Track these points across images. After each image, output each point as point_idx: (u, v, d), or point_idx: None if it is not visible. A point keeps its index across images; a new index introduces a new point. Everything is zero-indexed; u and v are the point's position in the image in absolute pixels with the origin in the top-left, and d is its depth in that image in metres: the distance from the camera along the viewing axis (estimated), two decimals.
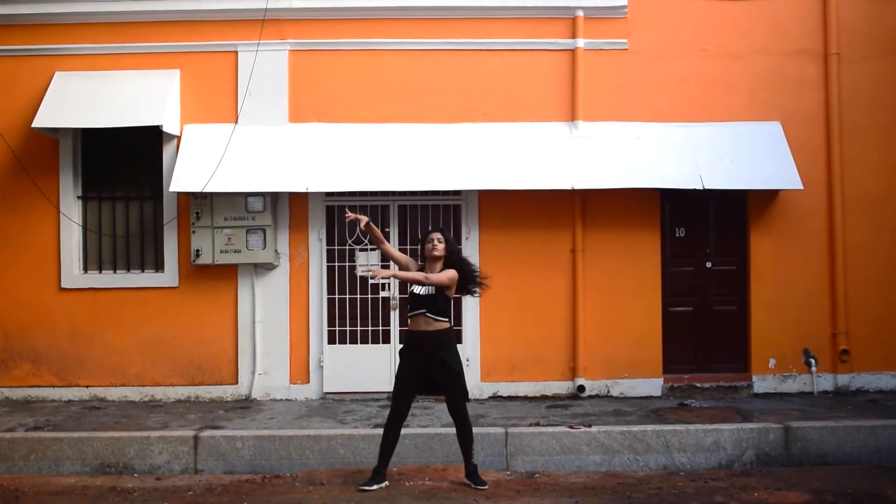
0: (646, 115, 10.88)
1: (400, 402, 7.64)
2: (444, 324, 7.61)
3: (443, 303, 7.63)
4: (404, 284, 10.61)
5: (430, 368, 7.58)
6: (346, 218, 7.85)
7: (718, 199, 10.89)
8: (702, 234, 11.13)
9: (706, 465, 8.54)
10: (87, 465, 8.53)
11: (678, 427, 8.78)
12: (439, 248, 7.68)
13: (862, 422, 8.96)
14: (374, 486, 7.56)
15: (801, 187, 10.43)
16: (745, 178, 10.48)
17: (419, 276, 7.58)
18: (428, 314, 7.57)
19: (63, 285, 10.81)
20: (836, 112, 10.90)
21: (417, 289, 7.63)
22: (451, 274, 7.62)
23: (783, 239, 10.89)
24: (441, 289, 7.59)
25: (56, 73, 10.79)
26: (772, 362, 10.86)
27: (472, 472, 7.72)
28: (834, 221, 10.86)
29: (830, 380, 10.86)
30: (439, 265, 7.69)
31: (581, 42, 10.85)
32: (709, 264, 11.10)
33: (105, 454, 8.56)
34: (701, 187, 10.28)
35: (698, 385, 10.79)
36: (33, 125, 10.33)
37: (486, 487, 7.60)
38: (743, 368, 10.97)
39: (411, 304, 7.69)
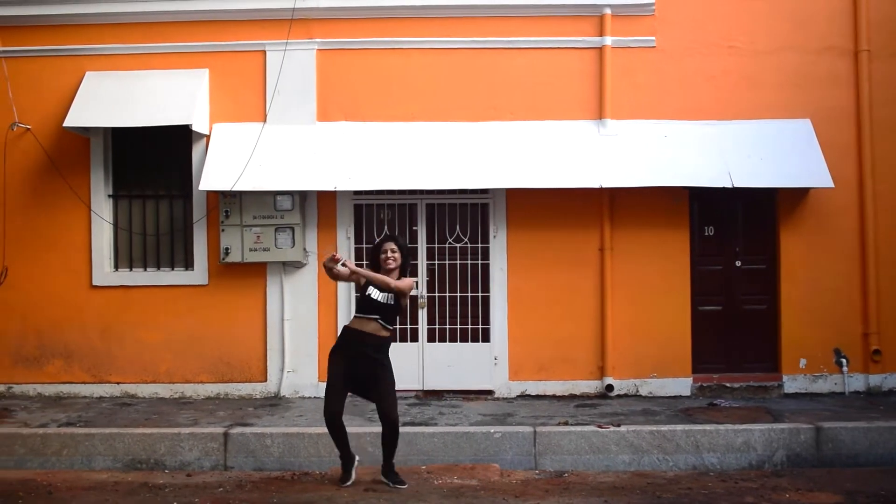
0: (674, 112, 10.83)
1: (337, 401, 7.52)
2: (389, 332, 7.54)
3: (395, 313, 7.57)
4: (432, 283, 10.69)
5: (366, 373, 7.45)
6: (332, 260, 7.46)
7: (747, 198, 10.81)
8: (731, 233, 11.06)
9: (736, 465, 8.50)
10: (119, 461, 8.60)
11: (708, 427, 8.73)
12: (396, 257, 7.54)
13: (894, 423, 8.87)
14: (353, 474, 7.67)
15: (832, 185, 10.34)
16: (775, 175, 10.40)
17: (386, 279, 7.41)
18: (381, 321, 7.45)
19: (94, 283, 10.92)
20: (866, 109, 10.79)
21: (376, 294, 7.45)
22: (410, 282, 7.63)
23: (813, 237, 10.80)
24: (399, 298, 7.51)
25: (87, 72, 10.89)
26: (802, 362, 10.79)
27: (389, 470, 7.65)
28: (865, 219, 10.76)
29: (862, 380, 10.76)
30: (395, 275, 7.58)
31: (609, 40, 10.81)
32: (738, 263, 11.03)
33: (136, 450, 8.63)
34: (730, 185, 10.21)
35: (728, 385, 10.73)
36: (65, 124, 10.43)
37: (406, 486, 7.55)
38: (773, 368, 10.90)
39: (365, 307, 7.49)
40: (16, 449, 8.68)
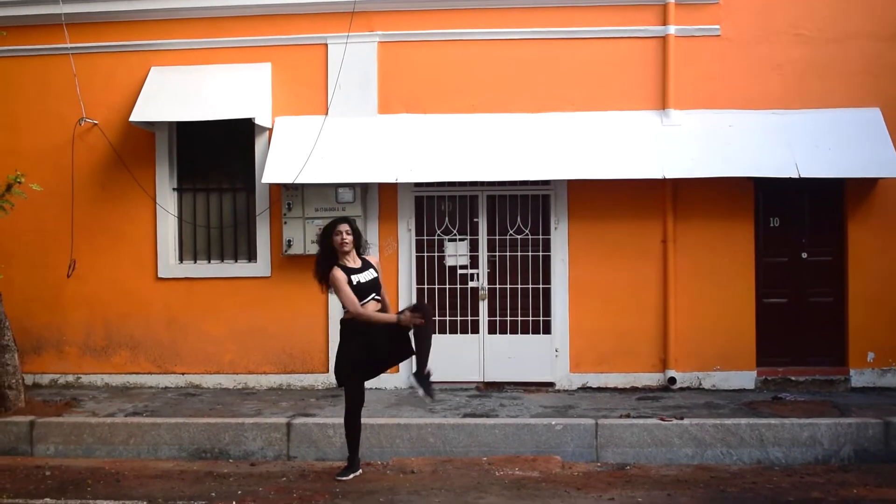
0: (739, 102, 10.65)
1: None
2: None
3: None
4: (493, 274, 10.67)
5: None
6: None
7: (814, 188, 10.61)
8: (797, 224, 10.86)
9: (802, 460, 8.34)
10: (184, 451, 8.75)
11: (773, 421, 8.60)
12: (349, 240, 7.54)
13: None
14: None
15: None
16: (843, 166, 10.18)
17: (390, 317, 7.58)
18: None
19: (160, 275, 11.10)
20: None
21: (366, 277, 7.63)
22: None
23: (883, 229, 10.55)
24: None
25: (151, 68, 11.06)
26: (870, 356, 10.56)
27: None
28: None
29: None
30: (353, 255, 7.60)
31: (672, 29, 10.67)
32: (804, 255, 10.83)
33: (201, 440, 8.77)
34: (797, 175, 10.03)
35: (793, 378, 10.55)
36: (130, 119, 10.62)
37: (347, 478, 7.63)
38: (840, 362, 10.69)
39: (361, 294, 7.56)
40: (84, 438, 8.87)
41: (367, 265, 7.69)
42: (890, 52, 10.61)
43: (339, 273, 7.47)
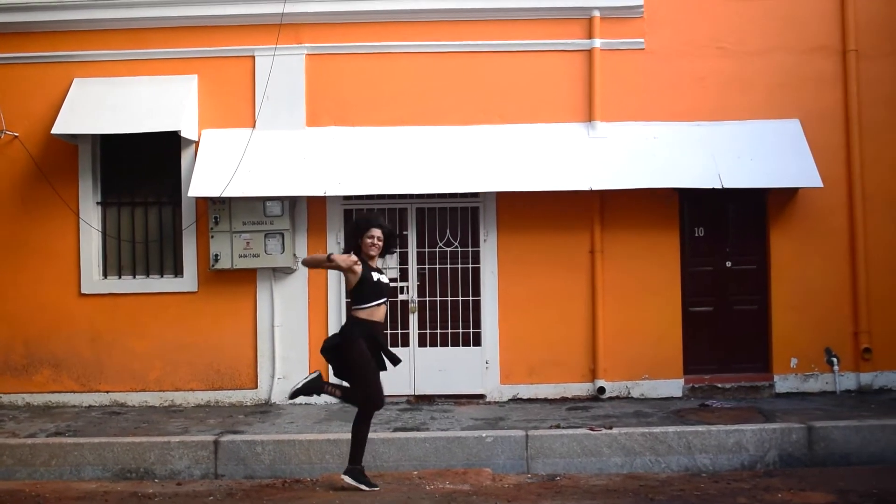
0: (664, 114, 10.83)
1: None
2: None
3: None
4: (423, 287, 10.67)
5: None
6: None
7: (738, 199, 10.82)
8: (721, 234, 11.06)
9: (729, 466, 8.48)
10: (108, 471, 8.54)
11: (700, 428, 8.72)
12: (378, 246, 7.53)
13: (886, 421, 8.86)
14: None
15: (821, 185, 10.35)
16: (765, 176, 10.41)
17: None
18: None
19: (83, 291, 10.86)
20: (854, 109, 10.81)
21: (385, 279, 7.61)
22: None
23: (804, 237, 10.81)
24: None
25: (74, 79, 10.85)
26: (793, 362, 10.79)
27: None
28: (855, 219, 10.77)
29: (853, 379, 10.77)
30: (373, 261, 7.59)
31: (598, 42, 10.81)
32: (729, 264, 11.03)
33: (126, 459, 8.57)
34: (720, 186, 10.22)
35: (719, 385, 10.73)
36: (52, 131, 10.39)
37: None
38: (764, 368, 10.90)
39: (382, 293, 7.53)
40: (4, 459, 8.61)
41: (380, 271, 7.66)
42: (808, 65, 10.90)
43: (351, 258, 7.40)
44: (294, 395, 7.66)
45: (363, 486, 7.47)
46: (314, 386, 7.66)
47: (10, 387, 10.88)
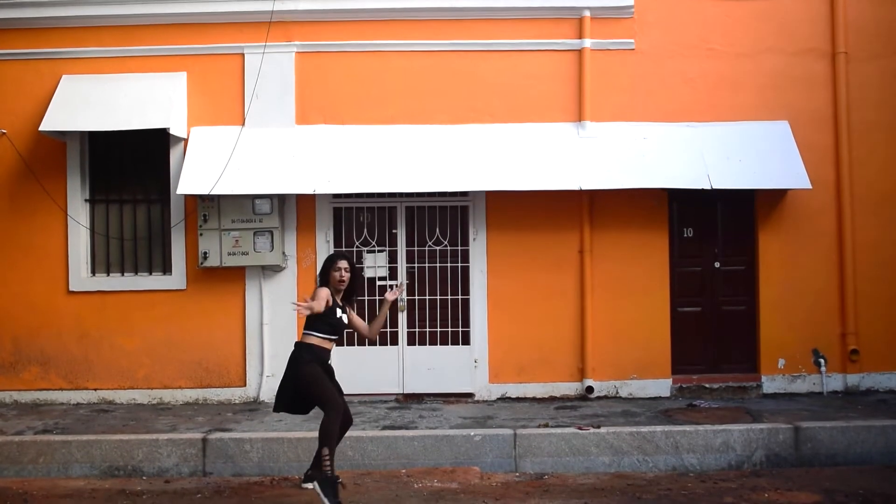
0: (653, 115, 10.85)
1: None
2: None
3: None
4: (412, 286, 10.67)
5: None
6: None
7: (726, 199, 10.85)
8: (710, 234, 11.09)
9: (716, 465, 8.52)
10: (96, 468, 8.53)
11: (687, 428, 8.75)
12: (346, 278, 7.43)
13: (872, 422, 8.92)
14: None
15: (810, 186, 10.39)
16: (754, 177, 10.44)
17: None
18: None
19: (71, 288, 10.83)
20: (843, 111, 10.85)
21: (345, 319, 7.54)
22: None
23: (792, 238, 10.85)
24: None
25: (63, 76, 10.80)
26: (781, 362, 10.83)
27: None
28: (843, 220, 10.81)
29: (840, 380, 10.81)
30: (339, 295, 7.51)
31: (588, 42, 10.83)
32: (717, 264, 11.06)
33: (114, 457, 8.56)
34: (709, 187, 10.25)
35: (707, 385, 10.76)
36: (41, 128, 10.35)
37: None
38: (752, 369, 10.93)
39: (337, 330, 7.45)
40: None
41: (346, 310, 7.56)
42: (798, 67, 10.94)
43: (325, 291, 7.31)
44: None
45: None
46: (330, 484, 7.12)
47: None
